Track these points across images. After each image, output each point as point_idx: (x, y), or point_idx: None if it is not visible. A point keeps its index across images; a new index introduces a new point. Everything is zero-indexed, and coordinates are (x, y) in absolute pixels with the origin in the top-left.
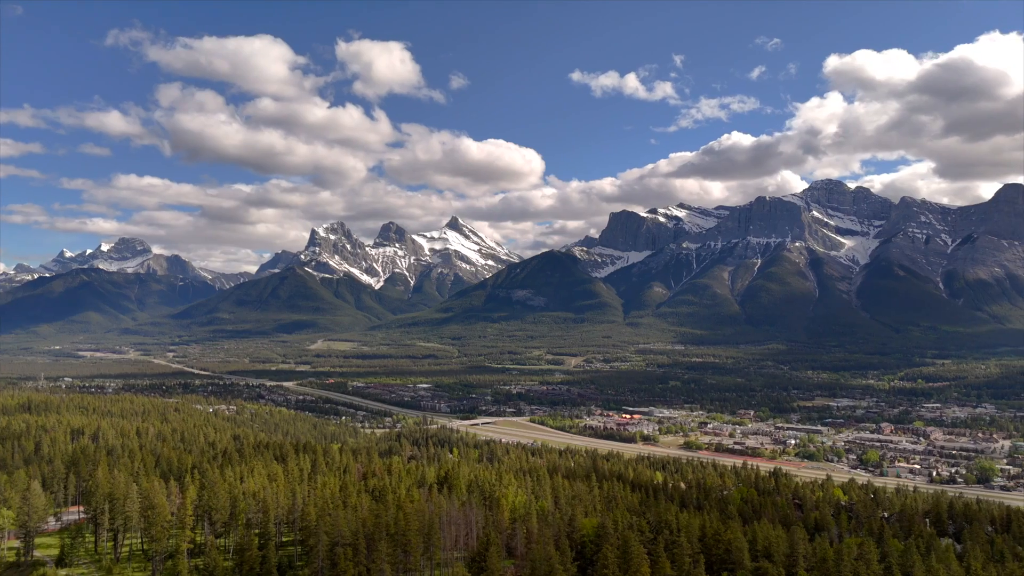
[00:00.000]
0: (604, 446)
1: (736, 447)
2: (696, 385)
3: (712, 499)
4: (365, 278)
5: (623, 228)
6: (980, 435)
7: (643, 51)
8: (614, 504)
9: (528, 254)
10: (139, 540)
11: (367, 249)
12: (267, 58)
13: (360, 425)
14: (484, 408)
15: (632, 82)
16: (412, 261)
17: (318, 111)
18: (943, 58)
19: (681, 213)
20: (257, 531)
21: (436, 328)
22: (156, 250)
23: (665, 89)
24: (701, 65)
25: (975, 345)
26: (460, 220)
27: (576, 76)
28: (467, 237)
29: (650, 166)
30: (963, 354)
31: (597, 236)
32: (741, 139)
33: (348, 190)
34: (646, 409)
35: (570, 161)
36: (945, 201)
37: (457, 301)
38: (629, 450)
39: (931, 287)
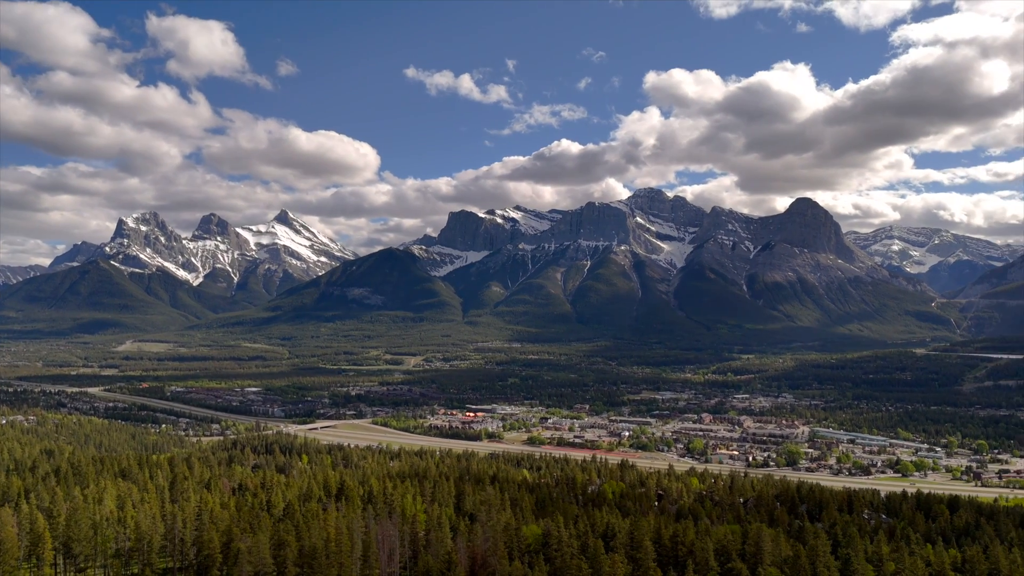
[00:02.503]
0: (451, 445)
1: (576, 440)
2: (534, 382)
3: (588, 495)
4: (182, 273)
5: (462, 228)
6: (784, 422)
7: (477, 53)
8: (521, 508)
9: (363, 251)
10: None
11: (184, 242)
12: (64, 27)
13: (185, 433)
14: (322, 411)
15: (467, 83)
16: (236, 256)
17: (126, 89)
18: (744, 82)
19: (517, 215)
20: (136, 562)
21: (263, 328)
22: None
23: (499, 92)
24: (533, 71)
25: (773, 341)
26: (290, 214)
27: (411, 73)
28: (298, 232)
29: (485, 168)
30: (763, 349)
31: (435, 235)
32: (570, 146)
33: (161, 177)
34: (489, 407)
35: (406, 158)
36: (747, 211)
37: (287, 299)
38: (478, 448)
39: (736, 289)
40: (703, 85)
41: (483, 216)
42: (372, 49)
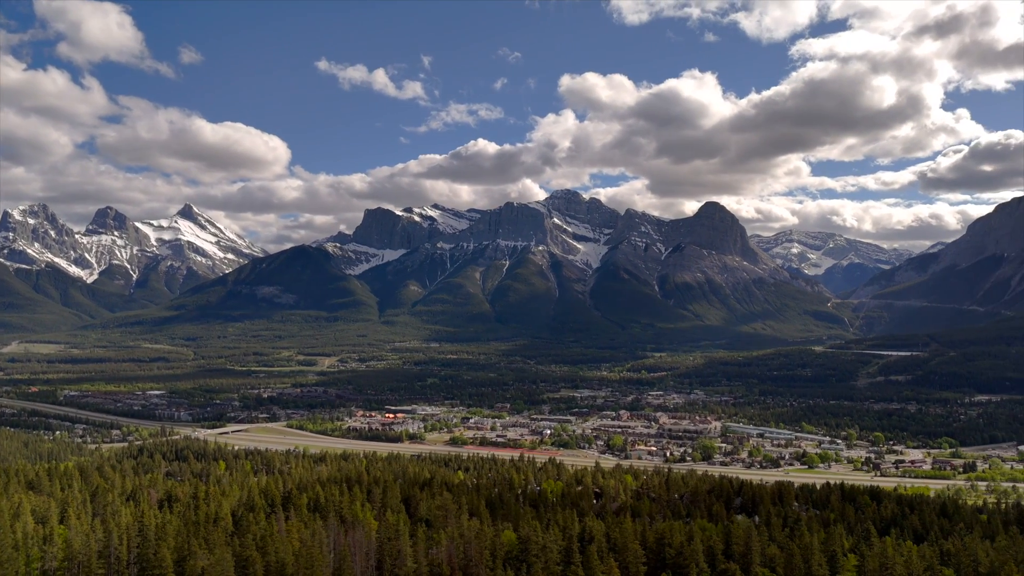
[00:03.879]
0: (372, 447)
1: (499, 440)
2: (453, 382)
3: (529, 495)
4: (74, 270)
5: (378, 225)
6: (697, 418)
7: (392, 48)
8: (478, 513)
9: (273, 248)
10: None
11: (77, 237)
12: None
13: (83, 440)
14: (232, 415)
15: (381, 78)
16: (135, 252)
17: (11, 72)
18: (656, 88)
19: (435, 213)
20: None
21: (166, 327)
22: None
23: (415, 89)
24: (449, 69)
25: (683, 339)
26: (195, 208)
27: (323, 65)
28: (203, 227)
29: (400, 165)
30: (675, 347)
31: (350, 232)
32: (487, 146)
33: (50, 167)
34: (409, 407)
35: (319, 153)
36: (658, 214)
37: (191, 298)
38: (401, 450)
39: (649, 289)
40: (616, 90)
41: (400, 214)
42: (282, 39)
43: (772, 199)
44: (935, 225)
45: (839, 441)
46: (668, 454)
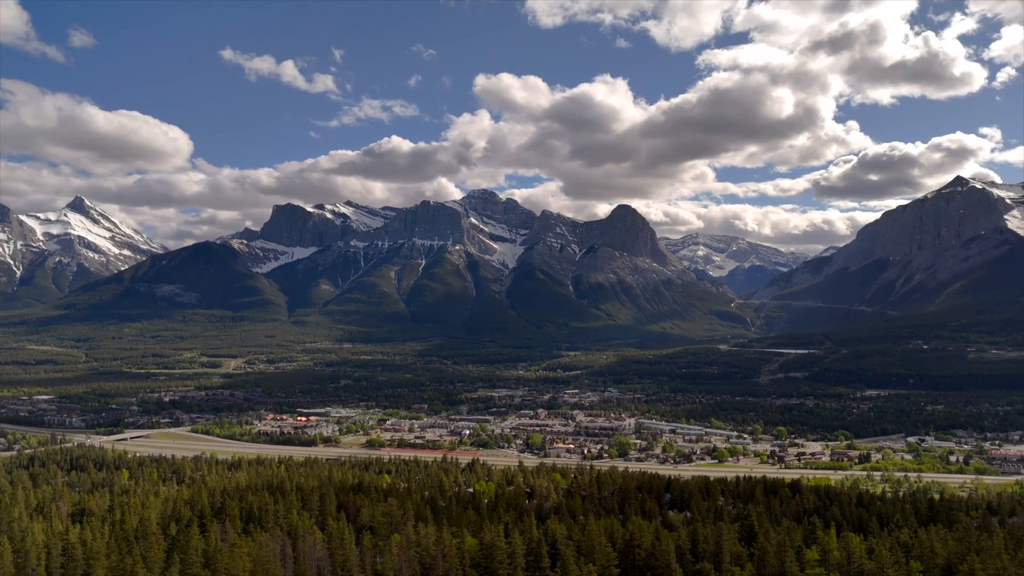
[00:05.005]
0: (285, 452)
1: (418, 441)
2: (368, 383)
3: (463, 497)
4: None
5: (288, 222)
6: (612, 415)
7: (301, 40)
8: (423, 518)
9: (172, 244)
10: None
11: None
12: None
13: None
14: (131, 420)
15: (290, 70)
16: (19, 247)
17: None
18: (569, 92)
19: (348, 211)
20: None
21: (53, 328)
22: None
23: (326, 82)
24: (362, 63)
25: (596, 338)
26: (87, 201)
27: (228, 55)
28: (95, 221)
29: (311, 160)
30: (588, 346)
31: (257, 229)
32: (401, 143)
33: None
34: (322, 410)
35: (223, 146)
36: (572, 216)
37: (83, 296)
38: (316, 453)
39: (564, 289)
40: (531, 91)
41: (311, 210)
42: (184, 25)
43: (679, 203)
44: (827, 230)
45: (746, 436)
46: (586, 451)
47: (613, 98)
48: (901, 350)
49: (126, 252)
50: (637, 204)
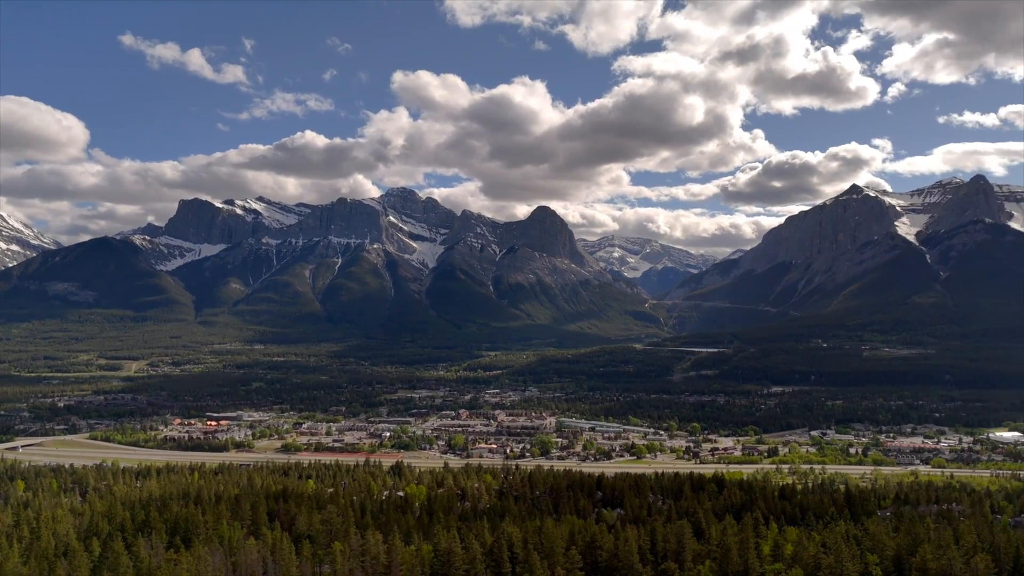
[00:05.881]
0: (195, 458)
1: (336, 445)
2: (282, 385)
3: (395, 501)
4: None
5: (195, 218)
6: (533, 414)
7: (209, 28)
8: (366, 525)
9: (67, 240)
10: None
11: None
12: None
13: None
14: (22, 427)
15: (197, 59)
16: None
17: None
18: (488, 92)
19: (260, 207)
20: None
21: None
22: None
23: (236, 73)
24: (274, 55)
25: (516, 338)
26: None
27: (128, 40)
28: None
29: (219, 154)
30: (508, 346)
31: (161, 225)
32: (316, 139)
33: None
34: (233, 414)
35: (123, 136)
36: (491, 216)
37: None
38: (229, 459)
39: (484, 289)
40: (450, 90)
41: (220, 206)
42: (80, 6)
43: (596, 205)
44: (735, 234)
45: (662, 432)
46: (508, 451)
47: (532, 100)
48: (803, 348)
49: (14, 247)
50: (555, 206)
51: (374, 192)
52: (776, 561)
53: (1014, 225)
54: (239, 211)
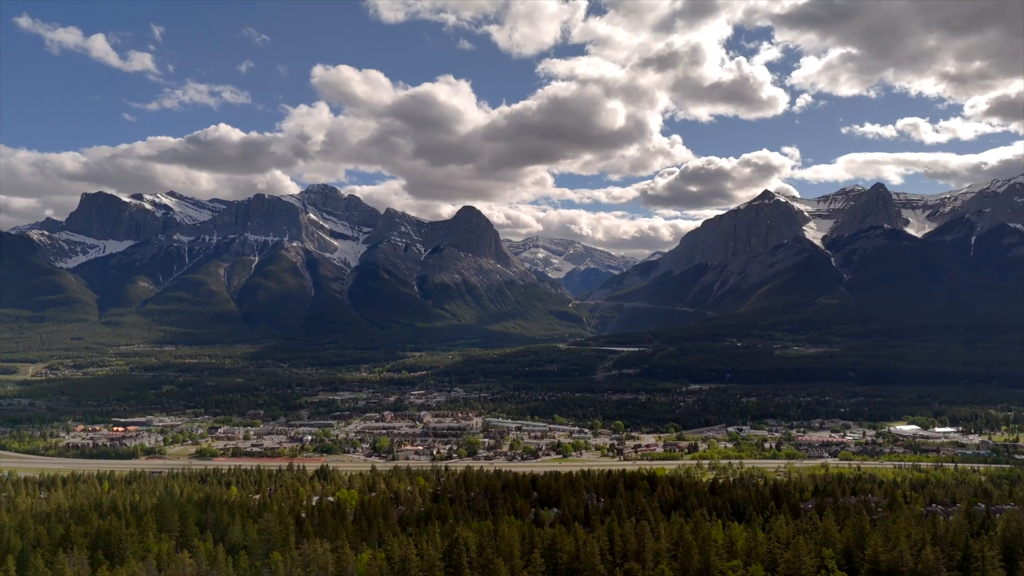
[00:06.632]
0: (104, 466)
1: (255, 450)
2: (195, 388)
3: (325, 507)
4: None
5: (99, 212)
6: (460, 415)
7: (114, 12)
8: (307, 534)
9: None
10: None
11: None
12: None
13: None
14: None
15: (101, 45)
16: None
17: None
18: (412, 90)
19: (171, 202)
20: None
21: None
22: None
23: (144, 61)
24: (186, 44)
25: (441, 338)
26: None
27: (25, 23)
28: None
29: (125, 146)
30: (433, 346)
31: (62, 219)
32: (230, 132)
33: None
34: (143, 419)
35: (18, 125)
36: (416, 215)
37: None
38: (139, 467)
39: (408, 289)
40: (372, 86)
41: (128, 200)
42: None
43: (520, 206)
44: (654, 236)
45: (587, 430)
46: (435, 452)
47: (456, 99)
48: (719, 347)
49: None
50: (480, 206)
51: (293, 188)
52: (732, 558)
53: (910, 231)
54: (148, 206)
